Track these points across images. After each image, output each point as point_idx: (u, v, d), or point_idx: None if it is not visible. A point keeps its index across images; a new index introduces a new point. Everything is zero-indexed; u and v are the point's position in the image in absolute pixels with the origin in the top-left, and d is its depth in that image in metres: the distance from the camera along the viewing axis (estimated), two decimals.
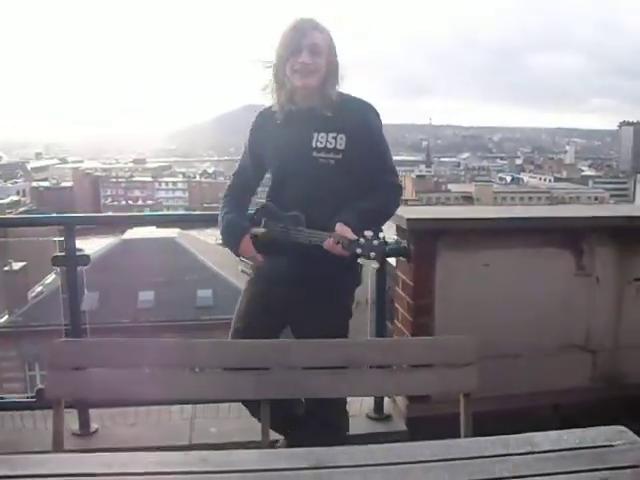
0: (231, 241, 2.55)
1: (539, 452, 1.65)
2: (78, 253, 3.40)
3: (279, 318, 2.64)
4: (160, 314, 22.92)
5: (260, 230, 2.49)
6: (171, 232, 26.92)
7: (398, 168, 2.78)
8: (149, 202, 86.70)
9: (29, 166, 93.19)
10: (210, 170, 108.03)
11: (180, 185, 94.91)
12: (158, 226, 26.83)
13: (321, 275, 2.42)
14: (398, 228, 3.50)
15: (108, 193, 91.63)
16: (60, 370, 2.29)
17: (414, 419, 3.40)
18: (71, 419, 3.40)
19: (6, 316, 23.34)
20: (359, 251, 2.19)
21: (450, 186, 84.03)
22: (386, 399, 3.58)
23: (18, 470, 1.57)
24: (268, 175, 2.67)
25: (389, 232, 4.11)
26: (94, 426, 3.44)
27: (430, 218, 3.46)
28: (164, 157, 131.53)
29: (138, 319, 23.10)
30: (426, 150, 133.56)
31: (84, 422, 3.41)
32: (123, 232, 26.48)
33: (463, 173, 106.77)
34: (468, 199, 65.44)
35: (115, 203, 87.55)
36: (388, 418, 3.54)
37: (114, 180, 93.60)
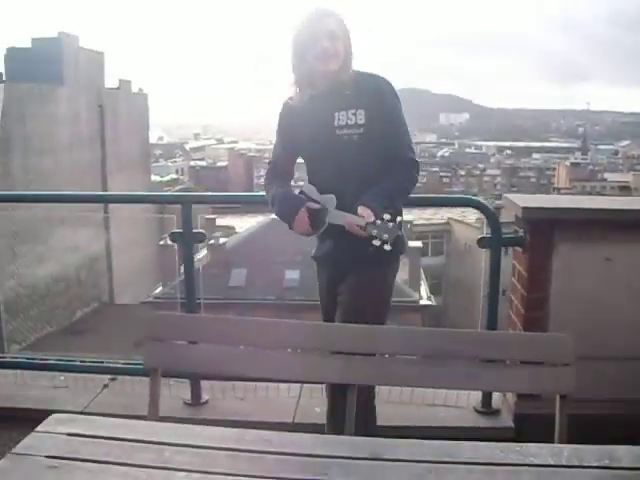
0: (288, 212, 2.60)
1: (616, 468, 1.52)
2: (195, 230, 3.50)
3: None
4: (305, 293, 23.44)
5: (316, 205, 2.54)
6: None
7: (552, 155, 2.69)
8: (300, 183, 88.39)
9: (188, 146, 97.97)
10: None
11: None
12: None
13: (357, 253, 2.45)
14: (516, 217, 3.36)
15: (261, 173, 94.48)
16: (156, 341, 2.40)
17: (522, 416, 3.26)
18: (184, 389, 3.58)
19: (160, 287, 24.78)
20: (374, 232, 2.28)
21: (606, 175, 79.51)
22: (496, 393, 3.47)
23: (125, 434, 1.66)
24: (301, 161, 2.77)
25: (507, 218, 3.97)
26: (205, 397, 3.59)
27: (546, 207, 3.27)
28: None
29: (284, 297, 23.80)
30: (582, 137, 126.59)
31: (195, 393, 3.56)
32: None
33: (621, 162, 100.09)
34: (625, 189, 61.50)
35: None
36: (496, 413, 3.43)
37: (267, 160, 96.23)
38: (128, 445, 1.60)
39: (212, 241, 25.74)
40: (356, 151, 2.51)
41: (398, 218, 2.29)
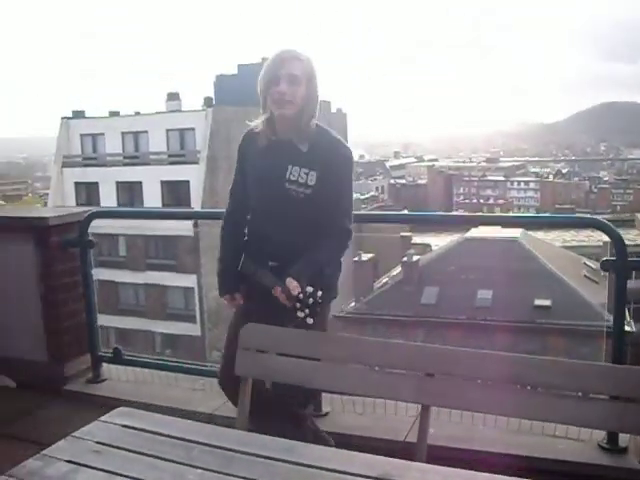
0: (221, 293, 2.92)
1: None
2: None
3: None
4: (496, 314, 22.85)
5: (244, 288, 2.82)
6: (514, 232, 26.69)
7: None
8: (500, 202, 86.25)
9: (388, 164, 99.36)
10: (564, 170, 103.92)
11: (532, 185, 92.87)
12: (503, 226, 26.72)
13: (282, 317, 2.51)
14: None
15: (460, 191, 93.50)
16: (248, 351, 2.54)
17: None
18: None
19: (353, 303, 25.28)
20: (298, 305, 2.38)
21: None
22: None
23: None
24: None
25: None
26: (326, 409, 3.70)
27: None
28: (518, 156, 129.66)
29: (475, 317, 23.39)
30: None
31: (317, 404, 3.67)
32: (467, 230, 26.99)
33: None
34: None
35: (467, 201, 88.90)
36: (622, 451, 3.17)
37: (467, 178, 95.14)
38: (166, 440, 1.76)
39: (405, 258, 25.93)
40: (299, 208, 2.60)
41: (319, 293, 2.37)
